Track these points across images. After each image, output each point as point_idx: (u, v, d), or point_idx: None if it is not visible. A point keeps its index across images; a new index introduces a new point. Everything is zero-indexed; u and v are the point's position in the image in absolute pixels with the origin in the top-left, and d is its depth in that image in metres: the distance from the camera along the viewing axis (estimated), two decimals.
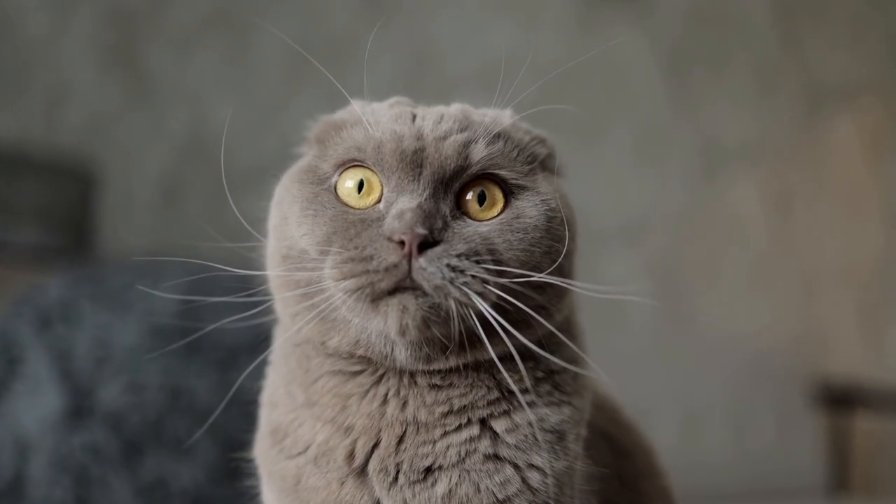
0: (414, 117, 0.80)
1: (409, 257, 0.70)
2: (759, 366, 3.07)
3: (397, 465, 0.76)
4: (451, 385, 0.78)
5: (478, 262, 0.72)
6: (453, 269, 0.71)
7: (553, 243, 0.77)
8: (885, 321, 3.65)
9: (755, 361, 3.07)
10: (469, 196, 0.77)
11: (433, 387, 0.77)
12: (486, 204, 0.77)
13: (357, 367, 0.79)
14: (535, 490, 0.77)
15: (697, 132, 3.33)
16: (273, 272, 0.80)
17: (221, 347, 1.45)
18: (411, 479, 0.76)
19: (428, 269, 0.70)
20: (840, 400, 3.19)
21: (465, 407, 0.77)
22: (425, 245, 0.71)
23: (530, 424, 0.78)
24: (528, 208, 0.78)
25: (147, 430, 1.40)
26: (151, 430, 1.41)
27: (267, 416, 0.84)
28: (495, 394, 0.78)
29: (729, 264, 3.37)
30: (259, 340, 0.88)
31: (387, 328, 0.71)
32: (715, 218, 3.35)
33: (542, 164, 0.84)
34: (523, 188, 0.79)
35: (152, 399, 1.42)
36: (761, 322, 3.36)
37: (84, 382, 1.41)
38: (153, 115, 2.67)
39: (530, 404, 0.78)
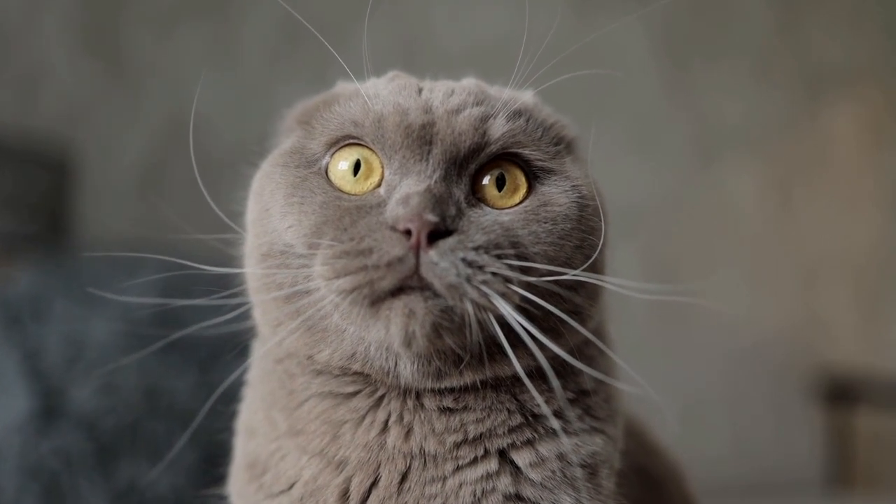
0: (420, 90, 0.68)
1: (417, 250, 0.58)
2: (757, 356, 3.03)
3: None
4: (465, 408, 0.65)
5: (499, 257, 0.60)
6: (470, 264, 0.59)
7: (586, 236, 0.66)
8: (886, 311, 3.62)
9: (753, 352, 3.03)
10: (486, 180, 0.66)
11: (444, 410, 0.65)
12: (506, 189, 0.66)
13: (351, 388, 0.67)
14: None
15: (694, 119, 3.28)
16: (251, 272, 0.68)
17: (202, 344, 1.36)
18: None
19: (440, 263, 0.58)
20: (840, 392, 3.16)
21: (481, 435, 0.65)
22: (436, 235, 0.59)
23: (559, 458, 0.65)
24: (557, 195, 0.66)
25: (122, 433, 1.31)
26: (127, 434, 1.31)
27: (243, 446, 0.72)
28: (517, 419, 0.66)
29: (726, 253, 3.32)
30: (244, 336, 0.77)
31: (389, 337, 0.59)
32: (712, 206, 3.30)
33: (570, 147, 0.72)
34: (550, 172, 0.68)
35: (128, 400, 1.33)
36: (759, 312, 3.32)
37: (55, 382, 1.32)
38: (132, 99, 2.58)
39: (560, 432, 0.66)
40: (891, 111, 3.66)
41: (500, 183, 0.66)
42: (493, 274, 0.60)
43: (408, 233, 0.59)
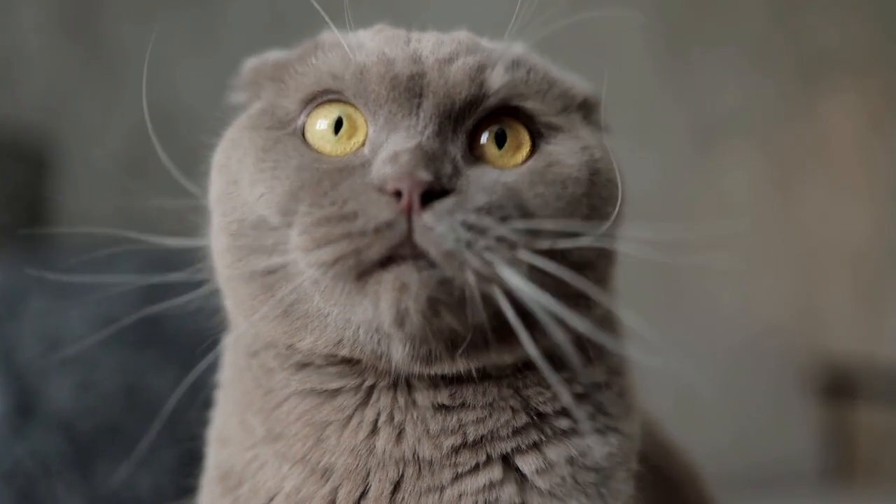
0: (409, 41, 0.61)
1: (409, 213, 0.51)
2: (755, 347, 3.01)
3: None
4: (463, 405, 0.58)
5: (503, 220, 0.53)
6: (470, 227, 0.51)
7: (598, 205, 0.59)
8: (885, 301, 3.61)
9: (751, 343, 3.01)
10: (485, 138, 0.58)
11: (439, 408, 0.58)
12: (507, 147, 0.58)
13: (336, 383, 0.59)
14: None
15: (690, 108, 3.25)
16: (220, 254, 0.61)
17: (182, 341, 1.30)
18: None
19: (436, 228, 0.51)
20: (839, 383, 3.14)
21: (482, 438, 0.58)
22: (430, 196, 0.51)
23: (570, 462, 0.58)
24: (565, 155, 0.59)
25: (101, 433, 1.25)
26: (105, 434, 1.25)
27: (215, 456, 0.65)
28: (522, 418, 0.59)
29: (724, 242, 3.29)
30: (221, 331, 0.71)
31: (378, 316, 0.52)
32: (709, 195, 3.27)
33: (581, 108, 0.65)
34: (556, 129, 0.60)
35: (106, 399, 1.26)
36: (757, 303, 3.30)
37: (30, 381, 1.25)
38: (111, 88, 2.52)
39: (569, 432, 0.59)
40: (888, 100, 3.64)
41: (499, 141, 0.59)
42: (498, 239, 0.52)
43: (397, 194, 0.52)
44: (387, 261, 0.52)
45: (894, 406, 3.07)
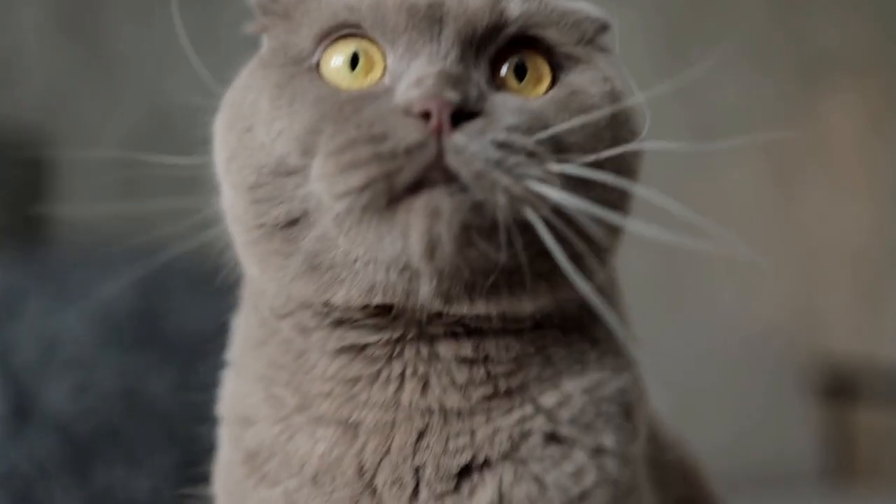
0: None
1: (439, 133, 0.49)
2: (754, 347, 3.00)
3: (416, 470, 0.56)
4: (487, 359, 0.57)
5: (533, 138, 0.51)
6: (501, 145, 0.50)
7: (620, 137, 0.58)
8: (885, 301, 3.61)
9: (750, 342, 2.99)
10: (504, 70, 0.56)
11: (463, 361, 0.57)
12: (527, 80, 0.57)
13: (369, 338, 0.57)
14: (617, 482, 0.57)
15: (691, 107, 3.24)
16: (237, 220, 0.59)
17: (182, 342, 1.30)
18: (438, 490, 0.56)
19: (468, 147, 0.49)
20: (839, 382, 3.13)
21: (515, 388, 0.57)
22: (459, 117, 0.50)
23: (586, 391, 0.58)
24: (587, 85, 0.58)
25: (98, 436, 1.23)
26: (103, 437, 1.24)
27: (236, 439, 0.62)
28: (549, 372, 0.58)
29: (722, 241, 3.30)
30: (227, 329, 0.69)
31: (408, 248, 0.50)
32: (709, 194, 3.27)
33: (597, 35, 0.63)
34: (576, 60, 0.59)
35: (104, 401, 1.25)
36: (756, 302, 3.30)
37: (27, 383, 1.24)
38: (110, 89, 2.51)
39: (581, 367, 0.59)
40: (888, 100, 3.63)
41: (519, 73, 0.57)
42: (529, 154, 0.50)
43: (425, 116, 0.50)
44: (416, 186, 0.49)
45: (894, 406, 3.06)
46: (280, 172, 0.54)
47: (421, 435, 0.56)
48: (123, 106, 2.52)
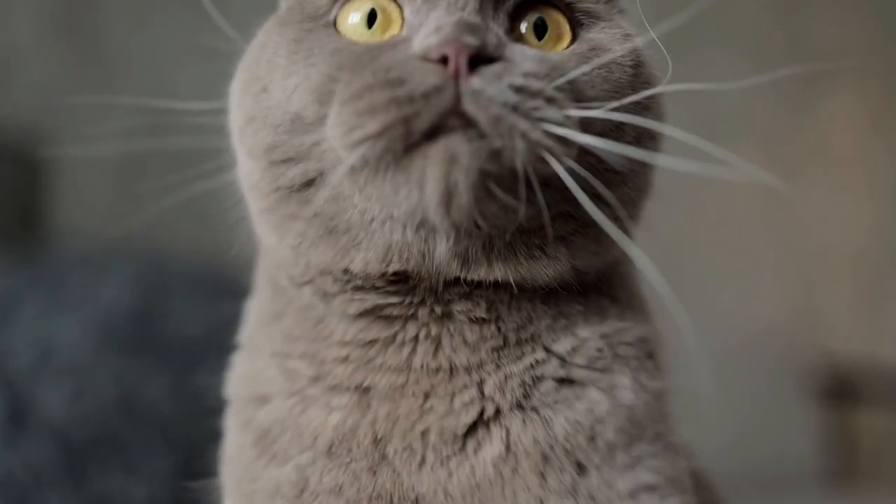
0: None
1: (457, 77, 0.48)
2: (755, 347, 2.99)
3: (423, 433, 0.54)
4: (499, 318, 0.56)
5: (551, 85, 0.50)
6: (519, 89, 0.49)
7: (640, 90, 0.57)
8: (886, 301, 3.61)
9: (752, 342, 2.99)
10: (524, 27, 0.56)
11: (476, 321, 0.56)
12: (547, 37, 0.56)
13: (389, 300, 0.56)
14: (631, 406, 0.56)
15: (691, 107, 3.24)
16: (254, 188, 0.58)
17: (179, 347, 1.28)
18: (444, 452, 0.54)
19: (486, 91, 0.48)
20: (840, 383, 3.12)
21: (525, 339, 0.56)
22: (477, 62, 0.49)
23: (603, 336, 0.57)
24: (608, 41, 0.57)
25: (95, 442, 1.21)
26: (100, 443, 1.21)
27: (246, 422, 0.61)
28: (562, 322, 0.57)
29: (723, 242, 3.28)
30: (225, 333, 0.69)
31: (424, 199, 0.49)
32: (709, 194, 3.26)
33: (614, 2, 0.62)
34: (596, 17, 0.59)
35: (100, 407, 1.23)
36: (757, 303, 3.29)
37: (22, 389, 1.22)
38: (108, 89, 2.50)
39: (600, 318, 0.58)
40: (889, 100, 3.62)
41: (539, 32, 0.56)
42: (548, 100, 0.49)
43: (443, 61, 0.49)
44: (434, 132, 0.48)
45: (892, 406, 3.06)
46: (296, 130, 0.54)
47: (427, 396, 0.55)
48: (120, 107, 2.51)
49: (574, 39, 0.57)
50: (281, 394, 0.59)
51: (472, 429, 0.55)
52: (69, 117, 2.50)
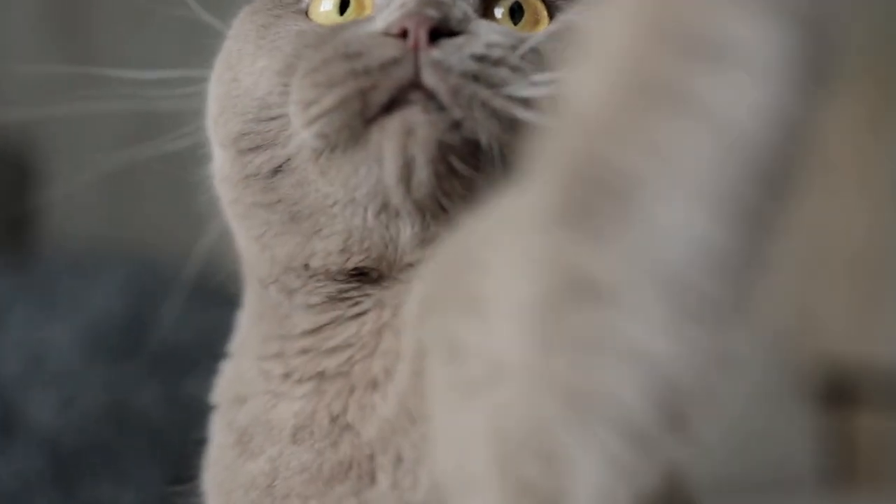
0: None
1: (416, 50, 0.47)
2: (754, 350, 2.99)
3: (373, 385, 0.54)
4: None
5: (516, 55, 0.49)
6: (480, 58, 0.47)
7: None
8: (883, 304, 3.61)
9: (750, 346, 2.99)
10: (499, 13, 0.54)
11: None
12: (523, 22, 0.55)
13: (350, 285, 0.55)
14: None
15: None
16: (225, 182, 0.58)
17: (170, 354, 1.27)
18: (388, 391, 0.53)
19: (446, 61, 0.47)
20: (839, 386, 3.12)
21: None
22: (438, 34, 0.48)
23: None
24: (583, 20, 0.54)
25: (85, 451, 1.20)
26: (90, 451, 1.20)
27: (229, 424, 0.61)
28: None
29: None
30: (216, 340, 0.67)
31: (383, 175, 0.48)
32: None
33: None
34: (574, 2, 0.57)
35: (91, 415, 1.22)
36: (756, 305, 3.30)
37: (12, 397, 1.21)
38: (99, 93, 2.49)
39: None
40: (886, 102, 3.64)
41: (515, 17, 0.55)
42: (512, 69, 0.48)
43: (404, 35, 0.48)
44: (392, 105, 0.47)
45: (895, 410, 3.05)
46: (263, 117, 0.53)
47: (374, 356, 0.54)
48: (111, 112, 2.50)
49: (551, 21, 0.56)
50: (257, 393, 0.59)
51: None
52: (60, 124, 2.50)
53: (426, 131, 0.47)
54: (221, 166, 0.59)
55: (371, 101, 0.47)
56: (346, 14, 0.55)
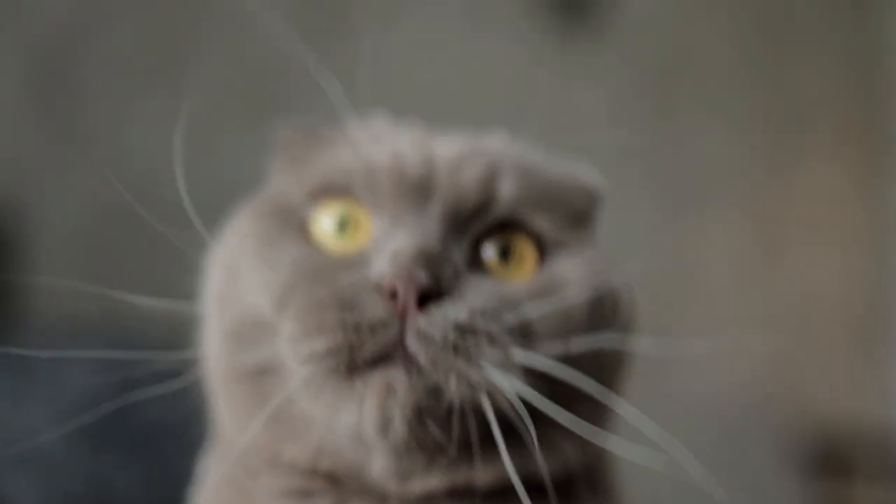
0: (425, 138, 0.60)
1: (404, 315, 0.49)
2: (745, 420, 2.96)
3: None
4: None
5: (497, 323, 0.51)
6: (462, 329, 0.49)
7: (599, 326, 0.56)
8: (872, 359, 3.60)
9: (741, 416, 2.95)
10: (489, 252, 0.56)
11: None
12: (510, 262, 0.56)
13: (318, 485, 0.55)
14: None
15: (670, 172, 3.26)
16: (214, 359, 0.58)
17: (150, 434, 1.22)
18: None
19: (430, 331, 0.49)
20: (832, 453, 3.08)
21: None
22: (427, 298, 0.50)
23: None
24: (569, 272, 0.56)
25: None
26: None
27: None
28: None
29: (707, 304, 3.27)
30: (198, 423, 0.65)
31: (361, 421, 0.49)
32: (690, 257, 3.27)
33: (586, 217, 0.63)
34: (563, 246, 0.58)
35: (68, 497, 1.17)
36: (745, 373, 3.28)
37: None
38: (78, 166, 2.48)
39: None
40: (868, 156, 3.67)
41: (503, 255, 0.57)
42: (489, 340, 0.50)
43: (394, 295, 0.50)
44: (377, 360, 0.50)
45: (890, 478, 3.01)
46: (256, 325, 0.55)
47: None
48: (93, 181, 2.49)
49: (537, 265, 0.57)
50: None
51: None
52: (40, 192, 2.48)
53: (405, 394, 0.49)
54: (214, 337, 0.59)
55: (357, 356, 0.49)
56: (343, 235, 0.56)
